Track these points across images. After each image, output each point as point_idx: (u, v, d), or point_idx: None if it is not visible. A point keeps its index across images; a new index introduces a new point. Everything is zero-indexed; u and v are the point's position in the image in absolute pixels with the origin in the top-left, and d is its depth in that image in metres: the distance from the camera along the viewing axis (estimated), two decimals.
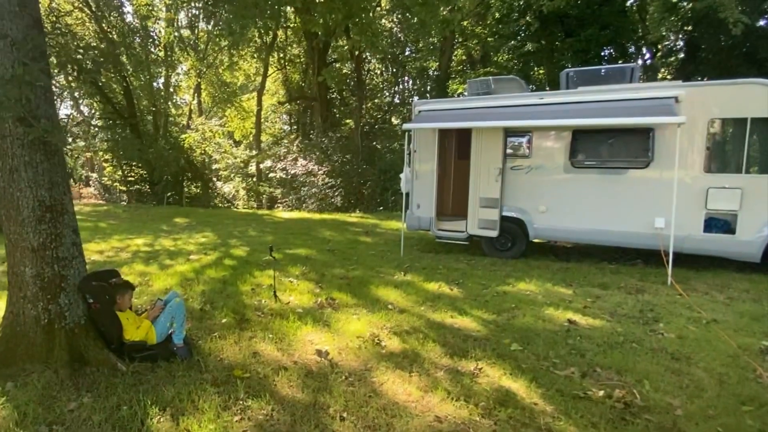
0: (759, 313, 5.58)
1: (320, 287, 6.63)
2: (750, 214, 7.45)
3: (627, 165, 8.29)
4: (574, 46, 20.57)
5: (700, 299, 6.24)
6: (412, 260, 8.74)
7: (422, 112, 9.73)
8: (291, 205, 21.22)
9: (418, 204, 9.96)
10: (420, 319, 5.34)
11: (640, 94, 8.02)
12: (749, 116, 7.43)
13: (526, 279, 7.19)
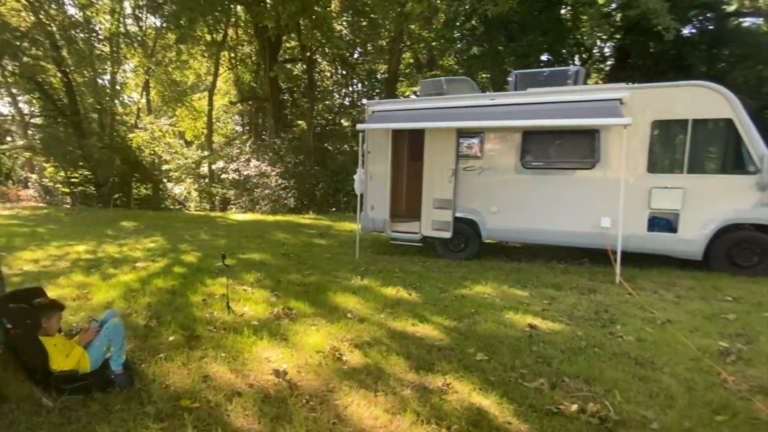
0: (709, 312, 5.51)
1: (276, 295, 6.15)
2: (691, 213, 7.48)
3: (574, 166, 8.23)
4: (517, 51, 20.72)
5: (650, 298, 6.14)
6: (368, 263, 8.36)
7: (375, 112, 9.37)
8: (244, 207, 20.40)
9: (372, 206, 9.61)
10: (381, 328, 4.97)
11: (587, 96, 7.94)
12: (690, 118, 7.45)
13: (482, 281, 6.94)
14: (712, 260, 7.47)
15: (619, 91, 7.76)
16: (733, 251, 7.39)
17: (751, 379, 3.82)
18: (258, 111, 28.11)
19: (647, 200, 7.69)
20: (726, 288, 6.50)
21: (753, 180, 7.13)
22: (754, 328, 4.91)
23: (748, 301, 5.90)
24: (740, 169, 7.30)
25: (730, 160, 7.49)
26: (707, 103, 7.38)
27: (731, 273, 7.22)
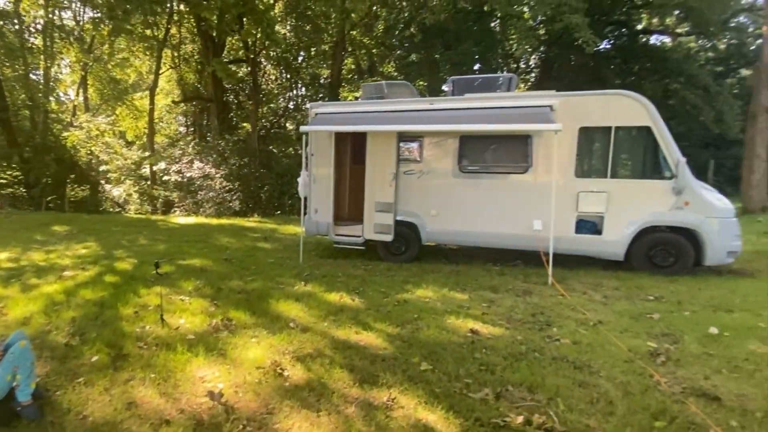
0: (635, 311, 5.52)
1: (215, 305, 5.67)
2: (614, 216, 7.58)
3: (508, 170, 8.17)
4: (452, 59, 20.85)
5: (580, 299, 6.12)
6: (312, 267, 7.96)
7: (318, 115, 8.98)
8: (188, 210, 19.30)
9: (316, 209, 9.22)
10: (324, 338, 4.63)
11: (520, 102, 7.93)
12: (613, 125, 7.55)
13: (423, 285, 6.73)
14: (633, 260, 7.60)
15: (550, 98, 7.76)
16: (651, 252, 7.55)
17: (682, 380, 3.78)
18: (202, 112, 26.91)
19: (575, 204, 7.74)
20: (647, 287, 6.60)
21: (669, 185, 7.30)
22: (678, 327, 4.94)
23: (668, 300, 5.99)
24: (658, 174, 7.46)
25: (649, 165, 7.63)
26: (628, 112, 7.49)
27: (650, 273, 7.37)
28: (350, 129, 8.72)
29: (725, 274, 7.37)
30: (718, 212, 7.27)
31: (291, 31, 24.44)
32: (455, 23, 20.33)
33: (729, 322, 5.03)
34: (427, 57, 21.84)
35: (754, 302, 5.77)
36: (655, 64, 22.88)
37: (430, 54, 21.91)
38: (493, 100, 8.14)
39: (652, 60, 23.17)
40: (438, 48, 21.74)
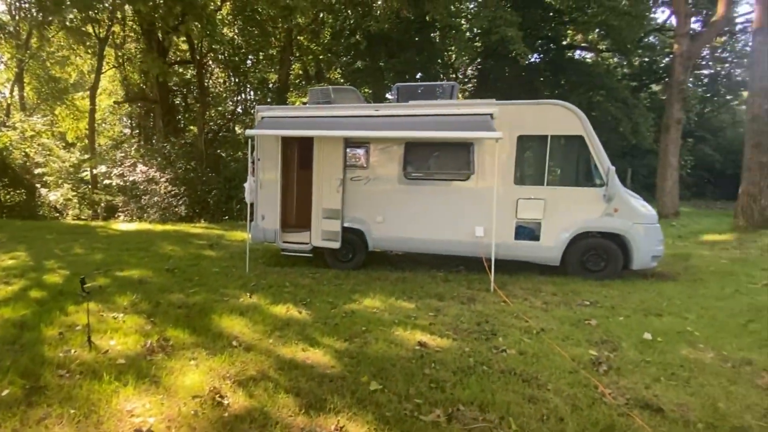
0: (574, 318, 5.45)
1: (152, 322, 5.11)
2: (551, 222, 7.55)
3: (451, 177, 7.98)
4: (396, 67, 20.67)
5: (522, 306, 6.00)
6: (259, 277, 7.46)
7: (265, 118, 8.45)
8: (133, 215, 17.97)
9: (263, 215, 8.69)
10: (269, 357, 4.22)
11: (462, 110, 7.73)
12: (549, 134, 7.52)
13: (371, 294, 6.41)
14: (568, 265, 7.60)
15: (490, 106, 7.62)
16: (584, 257, 7.58)
17: (625, 390, 3.67)
18: (148, 113, 25.39)
19: (514, 210, 7.66)
20: (583, 292, 6.59)
21: (600, 192, 7.34)
22: (615, 333, 4.89)
23: (603, 305, 5.97)
24: (590, 182, 7.49)
25: (582, 174, 7.63)
26: (563, 121, 7.47)
27: (584, 277, 7.37)
28: (297, 134, 8.25)
29: (650, 278, 7.50)
30: (644, 218, 7.40)
31: (239, 34, 23.50)
32: (398, 32, 20.17)
33: (660, 327, 5.03)
34: (372, 64, 21.58)
35: (680, 305, 5.85)
36: (581, 77, 23.64)
37: (375, 62, 21.67)
38: (436, 107, 7.95)
39: (578, 73, 23.93)
40: (382, 56, 21.52)
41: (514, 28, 16.47)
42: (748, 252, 9.22)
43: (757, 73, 11.54)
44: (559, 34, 24.82)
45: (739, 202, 11.73)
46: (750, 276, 7.33)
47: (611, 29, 20.48)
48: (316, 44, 23.85)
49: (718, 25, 16.76)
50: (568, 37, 26.16)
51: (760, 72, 11.46)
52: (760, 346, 4.47)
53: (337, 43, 21.92)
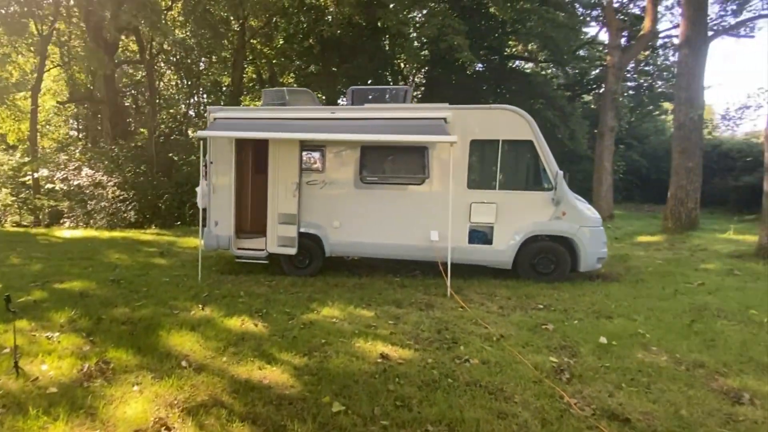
0: (531, 323, 5.31)
1: (92, 342, 4.53)
2: (503, 226, 7.44)
3: (406, 181, 7.72)
4: (349, 72, 20.25)
5: (479, 311, 5.80)
6: (212, 286, 6.91)
7: (218, 119, 7.89)
8: (79, 221, 16.53)
9: (216, 221, 8.11)
10: (222, 378, 3.79)
11: (417, 114, 7.51)
12: (501, 138, 7.39)
13: (329, 302, 6.04)
14: (519, 269, 7.50)
15: (443, 110, 7.43)
16: (535, 260, 7.50)
17: (590, 399, 3.52)
18: (95, 115, 23.70)
19: (468, 214, 7.50)
20: (535, 296, 6.49)
21: (549, 196, 7.30)
22: (572, 338, 4.78)
23: (556, 308, 5.89)
24: (539, 186, 7.42)
25: (532, 178, 7.54)
26: (514, 126, 7.37)
27: (535, 280, 7.30)
28: (251, 136, 7.71)
29: (596, 280, 7.52)
30: (590, 221, 7.42)
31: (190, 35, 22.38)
32: (351, 38, 19.80)
33: (613, 330, 4.97)
34: (325, 69, 21.09)
35: (627, 307, 5.85)
36: (522, 86, 24.10)
37: (328, 67, 21.19)
38: (392, 110, 7.70)
39: (519, 82, 24.39)
40: (335, 61, 21.07)
41: (461, 37, 16.53)
42: (679, 253, 9.52)
43: (683, 84, 12.03)
44: (502, 44, 25.25)
45: (668, 205, 12.20)
46: (685, 276, 7.51)
47: (549, 41, 21.00)
48: (270, 48, 23.10)
49: (645, 38, 17.51)
50: (510, 47, 26.68)
51: (685, 83, 11.96)
52: (707, 347, 4.47)
53: (291, 47, 21.26)
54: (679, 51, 12.10)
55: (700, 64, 11.90)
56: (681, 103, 11.99)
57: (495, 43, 24.57)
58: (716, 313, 5.48)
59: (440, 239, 7.40)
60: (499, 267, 7.60)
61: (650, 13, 16.74)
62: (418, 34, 19.06)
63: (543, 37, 21.16)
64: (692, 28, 11.70)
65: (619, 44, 17.18)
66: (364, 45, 20.48)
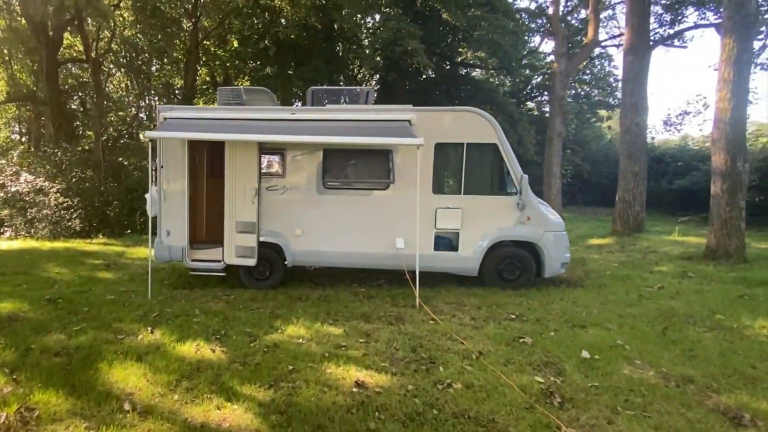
0: (508, 336, 4.91)
1: (15, 381, 3.72)
2: (469, 232, 7.04)
3: (371, 186, 7.18)
4: (305, 75, 19.48)
5: (451, 324, 5.35)
6: (163, 304, 6.10)
7: (168, 119, 7.04)
8: (20, 231, 14.78)
9: (168, 230, 7.26)
10: (173, 424, 3.13)
11: (381, 116, 6.93)
12: (465, 142, 6.98)
13: (293, 318, 5.43)
14: (485, 275, 7.12)
15: (407, 112, 6.93)
16: (500, 266, 7.16)
17: (589, 428, 3.14)
18: (38, 117, 21.60)
19: (433, 220, 7.06)
20: (505, 304, 6.14)
21: (514, 200, 6.97)
22: (553, 353, 4.42)
23: (528, 318, 5.55)
24: (504, 190, 7.08)
25: (496, 182, 7.17)
26: (478, 129, 6.98)
27: (501, 287, 6.96)
28: (205, 137, 6.86)
29: (561, 285, 7.29)
30: (554, 226, 7.16)
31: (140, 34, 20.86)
32: (307, 40, 19.04)
33: (592, 342, 4.67)
34: (281, 72, 20.22)
35: (598, 315, 5.59)
36: (473, 92, 24.17)
37: (284, 69, 20.33)
38: (355, 112, 7.14)
39: (470, 89, 24.48)
40: (291, 63, 20.24)
41: (416, 41, 16.25)
42: (632, 255, 9.52)
43: (628, 90, 12.20)
44: (453, 51, 25.25)
45: (616, 208, 12.32)
46: (643, 279, 7.42)
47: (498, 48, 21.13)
48: (224, 51, 21.95)
49: (589, 46, 17.88)
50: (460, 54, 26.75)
51: (630, 89, 12.13)
52: (688, 358, 4.24)
53: (245, 49, 20.22)
54: (624, 58, 12.26)
55: (644, 71, 12.11)
56: (627, 109, 12.16)
57: (447, 50, 24.55)
58: (685, 319, 5.32)
59: (406, 246, 6.94)
60: (465, 274, 7.21)
61: (593, 22, 17.09)
62: (372, 39, 18.62)
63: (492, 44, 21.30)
64: (636, 36, 11.87)
65: (565, 52, 17.41)
66: (320, 48, 19.81)
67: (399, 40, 16.41)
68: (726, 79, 8.11)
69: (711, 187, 8.49)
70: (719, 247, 8.26)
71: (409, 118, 6.77)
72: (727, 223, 8.18)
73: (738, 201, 8.11)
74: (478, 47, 24.17)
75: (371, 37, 18.41)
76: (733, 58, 8.03)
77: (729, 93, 8.09)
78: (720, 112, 8.26)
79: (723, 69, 8.16)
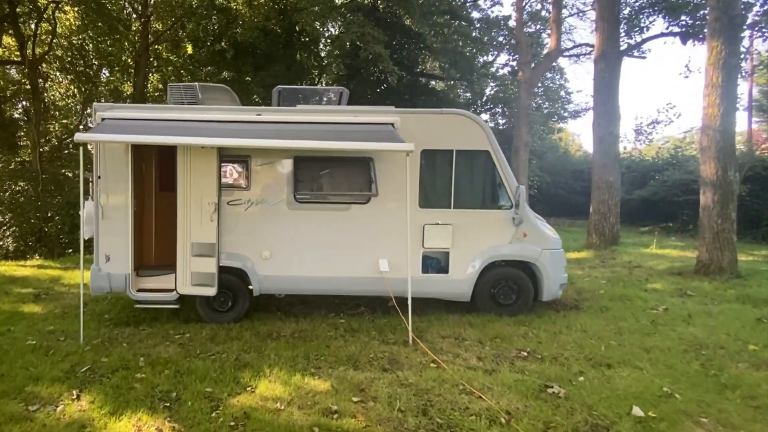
0: (531, 385, 3.94)
1: None
2: (460, 251, 6.06)
3: (350, 199, 6.07)
4: (265, 81, 18.14)
5: (458, 368, 4.32)
6: (98, 351, 4.72)
7: (107, 120, 5.64)
8: None
9: (107, 255, 5.86)
10: None
11: (360, 119, 5.88)
12: (454, 148, 6.03)
13: (265, 368, 4.26)
14: (478, 300, 6.16)
15: (389, 114, 5.91)
16: (494, 290, 6.22)
17: None
18: None
19: (421, 238, 6.04)
20: (509, 337, 5.20)
21: (509, 215, 6.05)
22: (597, 411, 3.48)
23: (541, 355, 4.66)
24: (497, 203, 6.19)
25: (489, 194, 6.26)
26: (468, 134, 6.03)
27: (496, 313, 6.04)
28: (152, 140, 5.44)
29: (558, 309, 6.43)
30: (552, 243, 6.33)
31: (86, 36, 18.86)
32: (266, 44, 17.73)
33: (633, 390, 3.79)
34: (239, 77, 18.80)
35: (620, 349, 4.76)
36: (434, 102, 23.63)
37: (242, 75, 18.90)
38: (330, 114, 6.08)
39: (431, 99, 23.93)
40: (249, 69, 18.84)
41: (381, 46, 15.41)
42: (617, 271, 8.81)
43: (600, 99, 11.77)
44: (415, 59, 24.67)
45: (591, 220, 11.80)
46: (644, 300, 6.67)
47: (460, 57, 20.66)
48: (177, 56, 20.24)
49: (552, 55, 17.65)
50: (421, 63, 26.23)
51: (602, 97, 11.70)
52: (754, 409, 3.46)
53: (200, 51, 18.63)
54: (595, 66, 11.83)
55: (616, 79, 11.71)
56: (600, 117, 11.69)
57: (407, 59, 23.94)
58: (718, 352, 4.60)
59: (391, 269, 5.92)
60: (455, 299, 6.24)
61: (554, 32, 16.85)
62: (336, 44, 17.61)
63: (454, 53, 20.83)
64: (607, 43, 11.46)
65: (529, 61, 17.08)
66: (280, 53, 18.57)
67: (363, 45, 15.52)
68: (714, 84, 7.65)
69: (701, 198, 8.00)
70: (712, 262, 7.75)
71: (392, 121, 5.75)
72: (719, 236, 7.69)
73: (729, 212, 7.65)
74: (441, 55, 23.73)
75: (335, 41, 17.38)
76: (721, 62, 7.59)
77: (718, 98, 7.64)
78: (708, 118, 7.80)
79: (711, 73, 7.71)
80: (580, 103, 29.19)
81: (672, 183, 16.83)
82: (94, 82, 20.32)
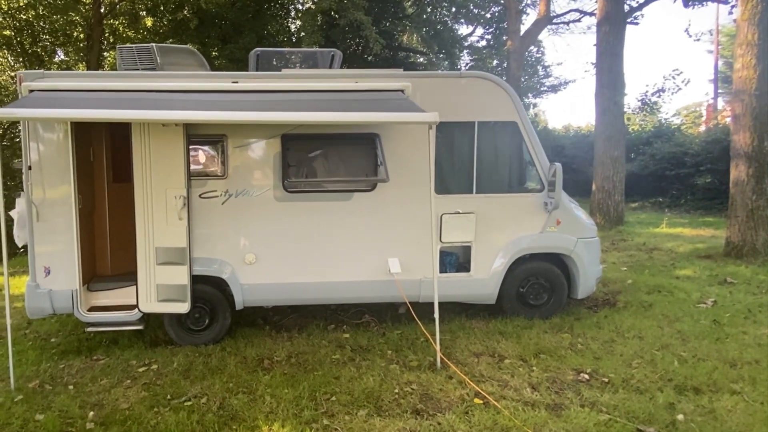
0: (597, 421, 3.02)
1: None
2: (484, 245, 4.99)
3: (352, 186, 4.88)
4: (234, 55, 16.38)
5: (511, 405, 3.32)
6: (32, 401, 3.42)
7: (36, 92, 4.19)
8: None
9: (47, 267, 4.56)
10: None
11: (363, 85, 4.62)
12: (476, 120, 4.90)
13: (261, 423, 3.10)
14: (504, 302, 5.16)
15: (397, 79, 4.69)
16: (523, 288, 5.21)
17: None
18: None
19: (438, 231, 4.91)
20: (554, 350, 4.21)
21: (541, 199, 5.02)
22: None
23: (606, 376, 3.69)
24: (527, 185, 5.18)
25: (517, 174, 5.20)
26: (493, 102, 4.90)
27: (526, 317, 5.06)
28: (98, 116, 3.93)
29: (593, 307, 5.50)
30: (587, 231, 5.32)
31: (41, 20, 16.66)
32: (233, 13, 15.93)
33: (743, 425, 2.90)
34: (205, 51, 16.99)
35: (698, 366, 3.83)
36: None
37: (208, 48, 17.08)
38: (325, 79, 4.80)
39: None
40: (216, 41, 17.01)
41: (361, 13, 14.02)
42: (634, 255, 7.87)
43: (604, 65, 10.79)
44: (394, 32, 23.28)
45: (594, 198, 10.97)
46: (684, 291, 5.78)
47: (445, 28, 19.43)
48: (135, 30, 18.16)
49: (541, 23, 16.60)
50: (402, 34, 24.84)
51: (606, 64, 10.74)
52: None
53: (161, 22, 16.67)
54: (598, 30, 10.81)
55: (620, 43, 10.74)
56: (604, 86, 10.73)
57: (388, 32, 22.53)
58: None
59: (403, 270, 4.84)
60: (479, 302, 5.21)
61: None
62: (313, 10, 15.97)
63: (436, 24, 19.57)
64: (611, 4, 10.46)
65: (518, 29, 15.99)
66: (249, 24, 16.82)
67: (342, 11, 14.07)
68: (749, 42, 6.74)
69: (732, 172, 7.18)
70: (745, 243, 6.99)
71: (401, 87, 4.53)
72: (753, 214, 6.91)
73: (765, 187, 6.88)
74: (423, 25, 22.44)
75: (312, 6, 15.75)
76: (757, 16, 6.67)
77: (753, 58, 6.74)
78: (742, 82, 6.91)
79: (745, 30, 6.78)
80: (560, 77, 28.50)
81: (661, 157, 16.23)
82: (41, 60, 18.04)
